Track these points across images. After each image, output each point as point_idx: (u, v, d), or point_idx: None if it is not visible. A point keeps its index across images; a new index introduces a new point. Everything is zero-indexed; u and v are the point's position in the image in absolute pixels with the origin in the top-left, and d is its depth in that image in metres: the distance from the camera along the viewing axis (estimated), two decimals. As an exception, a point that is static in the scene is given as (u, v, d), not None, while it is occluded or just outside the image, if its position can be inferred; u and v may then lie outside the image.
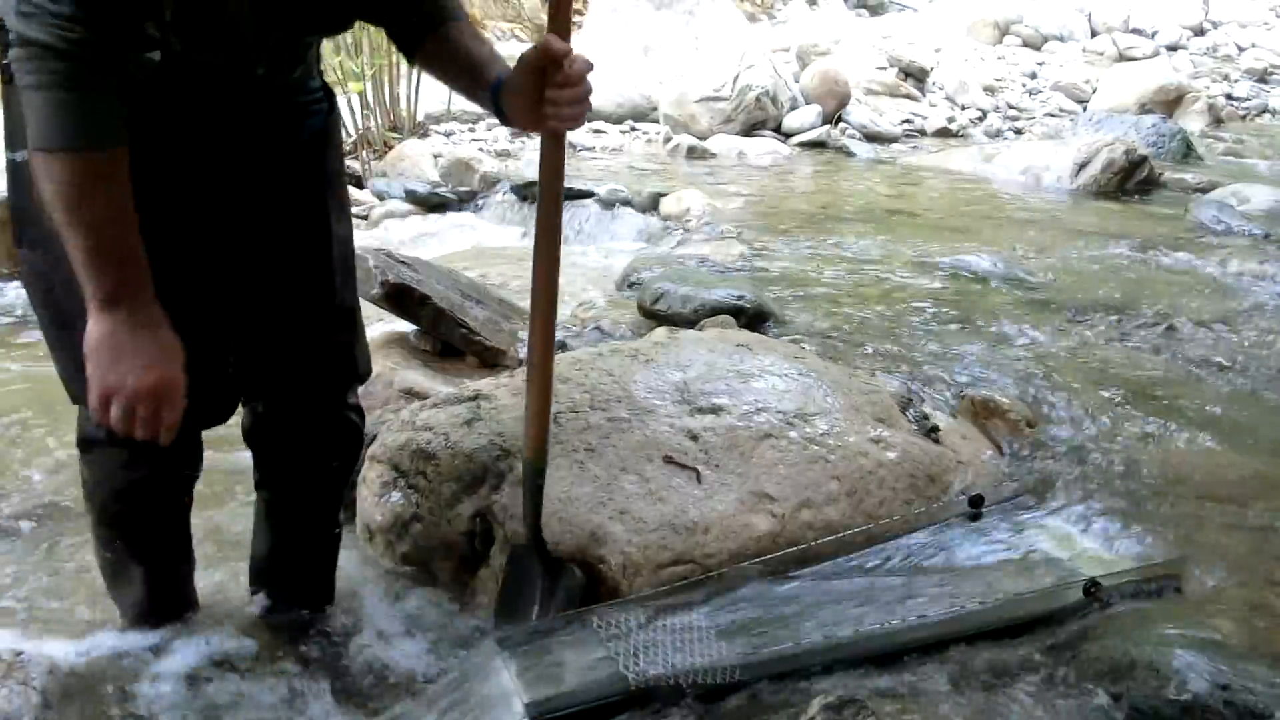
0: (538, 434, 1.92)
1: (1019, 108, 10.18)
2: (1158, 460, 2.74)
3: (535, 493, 1.95)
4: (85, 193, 1.41)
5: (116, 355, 1.46)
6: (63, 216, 1.42)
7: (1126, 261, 4.89)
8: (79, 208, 1.41)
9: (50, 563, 2.25)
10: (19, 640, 1.96)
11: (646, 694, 1.75)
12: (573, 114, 1.67)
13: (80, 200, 1.41)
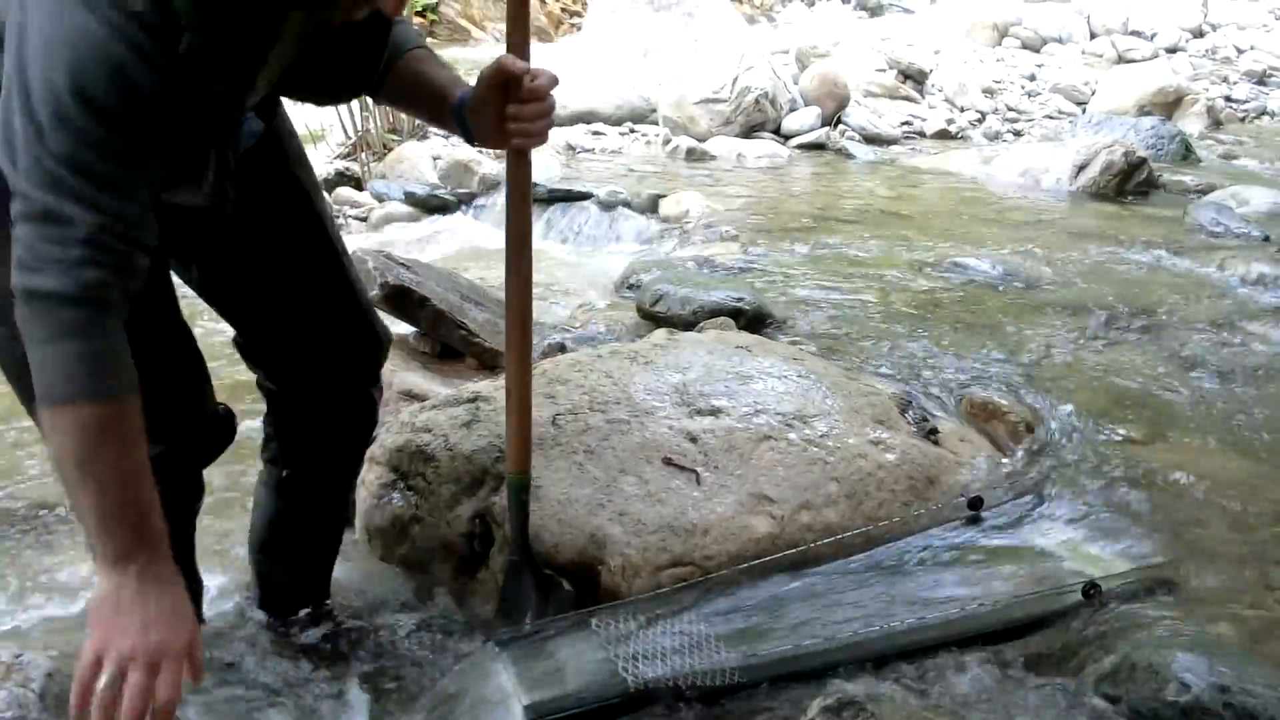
0: (521, 445, 1.92)
1: (1018, 110, 10.18)
2: (1157, 462, 2.74)
3: (521, 508, 1.95)
4: (98, 447, 1.32)
5: (115, 613, 1.33)
6: (73, 474, 1.33)
7: (1125, 263, 4.89)
8: (91, 464, 1.32)
9: (49, 565, 2.25)
10: (18, 642, 1.96)
11: (646, 696, 1.75)
12: (537, 129, 1.67)
13: (92, 456, 1.32)
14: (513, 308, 1.85)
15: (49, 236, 1.27)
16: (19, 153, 1.28)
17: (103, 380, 1.32)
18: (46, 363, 1.31)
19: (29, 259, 1.29)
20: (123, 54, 1.25)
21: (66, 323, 1.30)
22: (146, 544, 1.36)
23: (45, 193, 1.27)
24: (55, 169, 1.26)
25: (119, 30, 1.25)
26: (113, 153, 1.29)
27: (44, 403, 1.32)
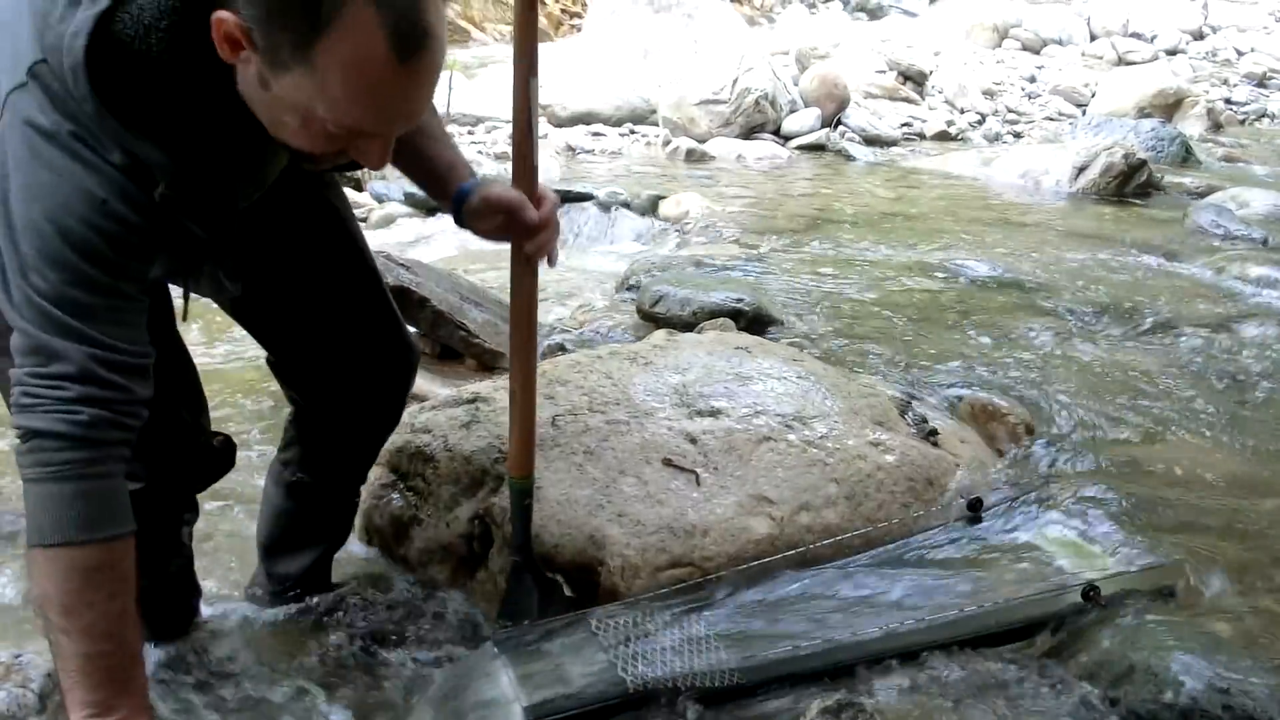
0: (524, 449, 1.92)
1: (1018, 111, 10.19)
2: (1156, 464, 2.74)
3: (524, 513, 1.95)
4: (86, 591, 1.29)
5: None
6: (59, 620, 1.29)
7: (1125, 265, 4.90)
8: (78, 610, 1.28)
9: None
10: (18, 643, 1.96)
11: (645, 697, 1.75)
12: (546, 253, 1.74)
13: (80, 601, 1.29)
14: (518, 311, 1.86)
15: (43, 374, 1.27)
16: (11, 288, 1.28)
17: (96, 523, 1.30)
18: (40, 503, 1.29)
19: (25, 399, 1.28)
20: (104, 193, 1.26)
21: (62, 463, 1.28)
22: (128, 696, 1.33)
23: (36, 328, 1.27)
24: (43, 305, 1.26)
25: (99, 172, 1.26)
26: (96, 287, 1.28)
27: (34, 543, 1.30)
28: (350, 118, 1.24)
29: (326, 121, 1.25)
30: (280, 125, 1.29)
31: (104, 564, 1.31)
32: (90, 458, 1.30)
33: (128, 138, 1.27)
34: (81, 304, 1.27)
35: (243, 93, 1.28)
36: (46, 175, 1.25)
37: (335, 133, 1.27)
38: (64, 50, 1.23)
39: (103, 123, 1.26)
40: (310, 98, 1.22)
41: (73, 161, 1.26)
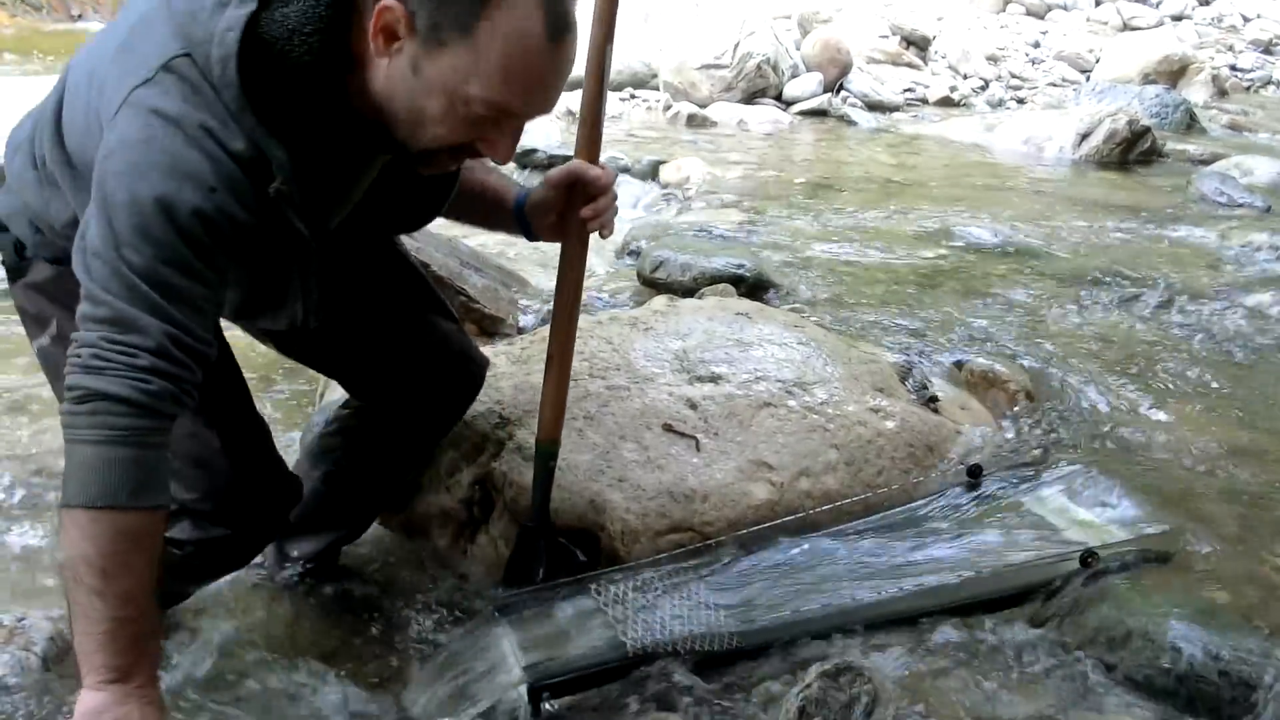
0: (554, 419, 1.92)
1: (1021, 77, 10.14)
2: (1156, 431, 2.74)
3: (546, 477, 1.95)
4: (129, 555, 1.31)
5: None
6: (95, 583, 1.29)
7: (1127, 233, 4.88)
8: (116, 576, 1.30)
9: (49, 529, 2.26)
10: (21, 606, 1.97)
11: (644, 660, 1.76)
12: (604, 221, 1.78)
13: (120, 567, 1.30)
14: (565, 284, 1.88)
15: (118, 341, 1.29)
16: (95, 261, 1.30)
17: (146, 491, 1.32)
18: (92, 465, 1.30)
19: (94, 361, 1.30)
20: (214, 182, 1.30)
21: (125, 429, 1.30)
22: (146, 665, 1.34)
23: (120, 300, 1.29)
24: (131, 279, 1.29)
25: (217, 162, 1.30)
26: (188, 271, 1.32)
27: (77, 503, 1.30)
28: (502, 94, 1.31)
29: (475, 101, 1.31)
30: (420, 115, 1.34)
31: (146, 531, 1.33)
32: (152, 426, 1.32)
33: (258, 131, 1.32)
34: (170, 284, 1.30)
35: (380, 93, 1.35)
36: (160, 157, 1.29)
37: (478, 115, 1.33)
38: (214, 42, 1.29)
39: (240, 114, 1.31)
40: (466, 75, 1.29)
41: (190, 148, 1.30)
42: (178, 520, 1.48)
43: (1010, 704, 1.69)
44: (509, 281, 3.52)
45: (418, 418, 2.01)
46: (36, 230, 1.58)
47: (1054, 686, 1.74)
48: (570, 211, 1.79)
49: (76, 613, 1.32)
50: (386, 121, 1.38)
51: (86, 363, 1.30)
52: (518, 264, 4.02)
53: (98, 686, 1.30)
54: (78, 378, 1.31)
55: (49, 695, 1.73)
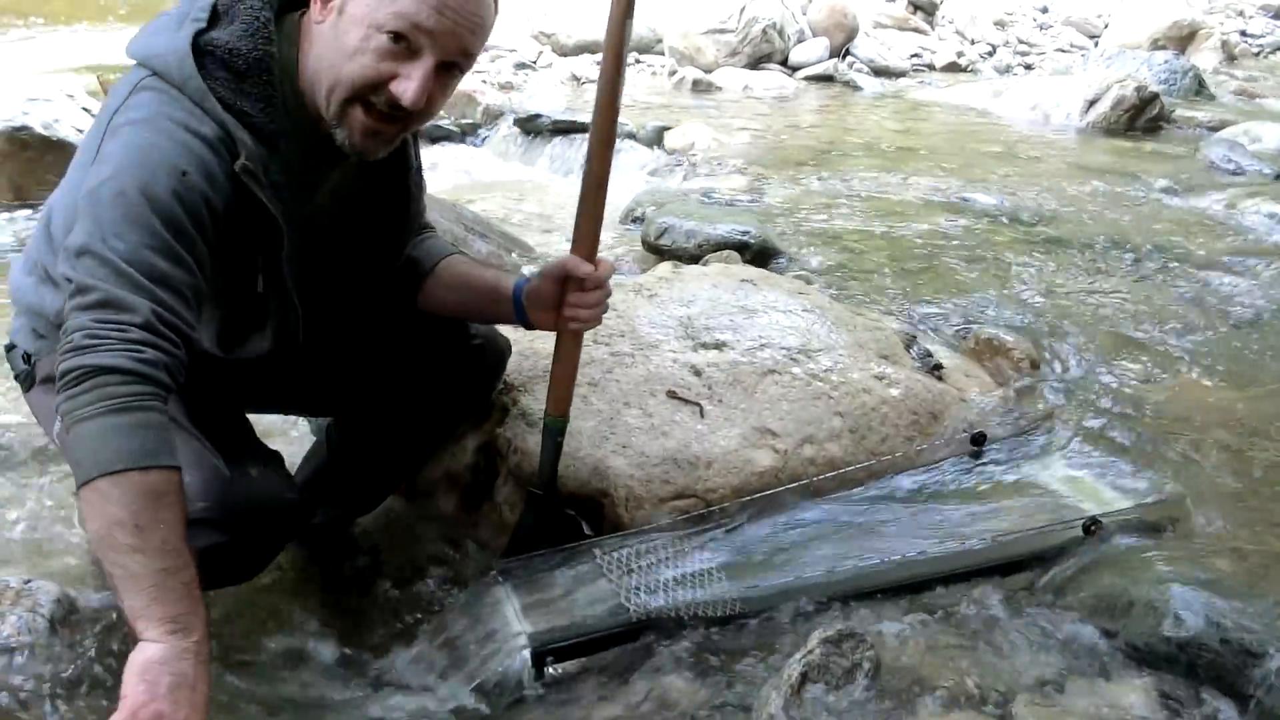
0: (564, 392, 1.92)
1: (1029, 43, 10.07)
2: (1160, 399, 2.74)
3: (554, 450, 1.95)
4: (159, 510, 1.33)
5: (178, 684, 1.30)
6: (131, 540, 1.31)
7: (1134, 200, 4.86)
8: (151, 529, 1.32)
9: (54, 492, 2.27)
10: (27, 568, 1.98)
11: (648, 626, 1.77)
12: (590, 315, 1.82)
13: (152, 521, 1.33)
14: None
15: (110, 321, 1.36)
16: (82, 257, 1.39)
17: (158, 452, 1.35)
18: (101, 435, 1.34)
19: (87, 341, 1.35)
20: (188, 167, 1.43)
21: (127, 396, 1.35)
22: (199, 615, 1.36)
23: (108, 284, 1.37)
24: (118, 264, 1.37)
25: (187, 148, 1.43)
26: (171, 255, 1.41)
27: (97, 473, 1.32)
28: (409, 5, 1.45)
29: (387, 20, 1.46)
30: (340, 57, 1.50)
31: (167, 489, 1.36)
32: (151, 392, 1.37)
33: (223, 115, 1.46)
34: (155, 267, 1.39)
35: (314, 62, 1.54)
36: (137, 154, 1.42)
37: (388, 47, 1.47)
38: (170, 52, 1.47)
39: (204, 102, 1.46)
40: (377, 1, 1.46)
41: (162, 138, 1.43)
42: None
43: (1011, 671, 1.70)
44: (513, 247, 3.51)
45: (436, 412, 2.03)
46: (40, 336, 1.70)
47: (1055, 653, 1.74)
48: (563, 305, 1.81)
49: (121, 578, 1.33)
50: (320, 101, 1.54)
51: (79, 344, 1.35)
52: (522, 229, 4.01)
53: (158, 638, 1.31)
54: (72, 360, 1.35)
55: (56, 656, 1.74)
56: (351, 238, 1.79)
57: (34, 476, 2.32)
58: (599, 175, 1.77)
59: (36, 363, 1.72)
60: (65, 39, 9.48)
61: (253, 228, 1.52)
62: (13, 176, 4.33)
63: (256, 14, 1.52)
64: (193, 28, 1.49)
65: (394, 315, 1.92)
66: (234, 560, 1.61)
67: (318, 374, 1.91)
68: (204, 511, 1.51)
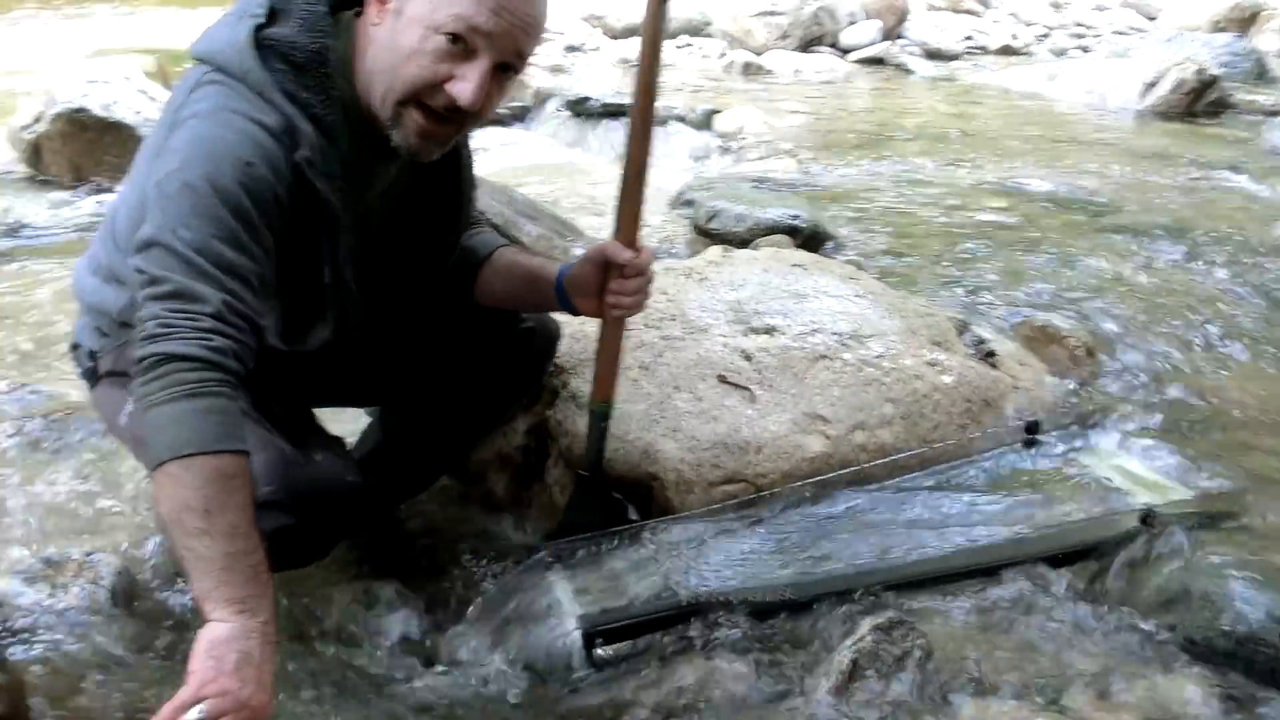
0: (608, 378, 1.92)
1: (1085, 24, 9.91)
2: (1219, 390, 2.70)
3: (600, 436, 1.96)
4: (228, 494, 1.36)
5: (244, 662, 1.32)
6: (200, 523, 1.34)
7: (1193, 185, 4.77)
8: (220, 511, 1.35)
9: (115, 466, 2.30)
10: (89, 541, 2.02)
11: (697, 610, 1.77)
12: (633, 302, 1.82)
13: (222, 504, 1.35)
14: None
15: (182, 310, 1.40)
16: (153, 249, 1.43)
17: (227, 437, 1.38)
18: (172, 420, 1.37)
19: (160, 329, 1.40)
20: (253, 158, 1.46)
21: (197, 382, 1.38)
22: (266, 597, 1.38)
23: (179, 274, 1.41)
24: (188, 254, 1.41)
25: (251, 138, 1.47)
26: (238, 244, 1.44)
27: (169, 456, 1.35)
28: (467, 6, 1.47)
29: (446, 22, 1.48)
30: (397, 58, 1.52)
31: (235, 473, 1.38)
32: (221, 379, 1.40)
33: (287, 106, 1.49)
34: (223, 257, 1.42)
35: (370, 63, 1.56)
36: (203, 146, 1.45)
37: (446, 49, 1.49)
38: (230, 46, 1.51)
39: (267, 91, 1.49)
40: (436, 2, 1.48)
41: (227, 130, 1.46)
42: None
43: (1065, 662, 1.68)
44: (563, 230, 3.51)
45: (488, 396, 2.04)
46: (103, 334, 1.75)
47: (1110, 646, 1.72)
48: (604, 292, 1.82)
49: (189, 560, 1.36)
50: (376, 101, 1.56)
51: (152, 332, 1.39)
52: (572, 213, 4.02)
53: (224, 618, 1.33)
54: (146, 347, 1.39)
55: (117, 628, 1.77)
56: (403, 236, 1.81)
57: (97, 454, 2.37)
58: (638, 162, 1.77)
59: (100, 359, 1.77)
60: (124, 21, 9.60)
61: (312, 218, 1.55)
62: (72, 157, 4.40)
63: (312, 8, 1.55)
64: (251, 23, 1.52)
65: (447, 304, 1.93)
66: (300, 543, 1.63)
67: (373, 365, 1.93)
68: (271, 495, 1.53)
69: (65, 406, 2.55)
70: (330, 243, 1.59)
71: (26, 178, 4.47)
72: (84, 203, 4.28)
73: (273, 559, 1.45)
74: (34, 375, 2.74)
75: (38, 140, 4.41)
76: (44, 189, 4.37)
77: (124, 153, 4.39)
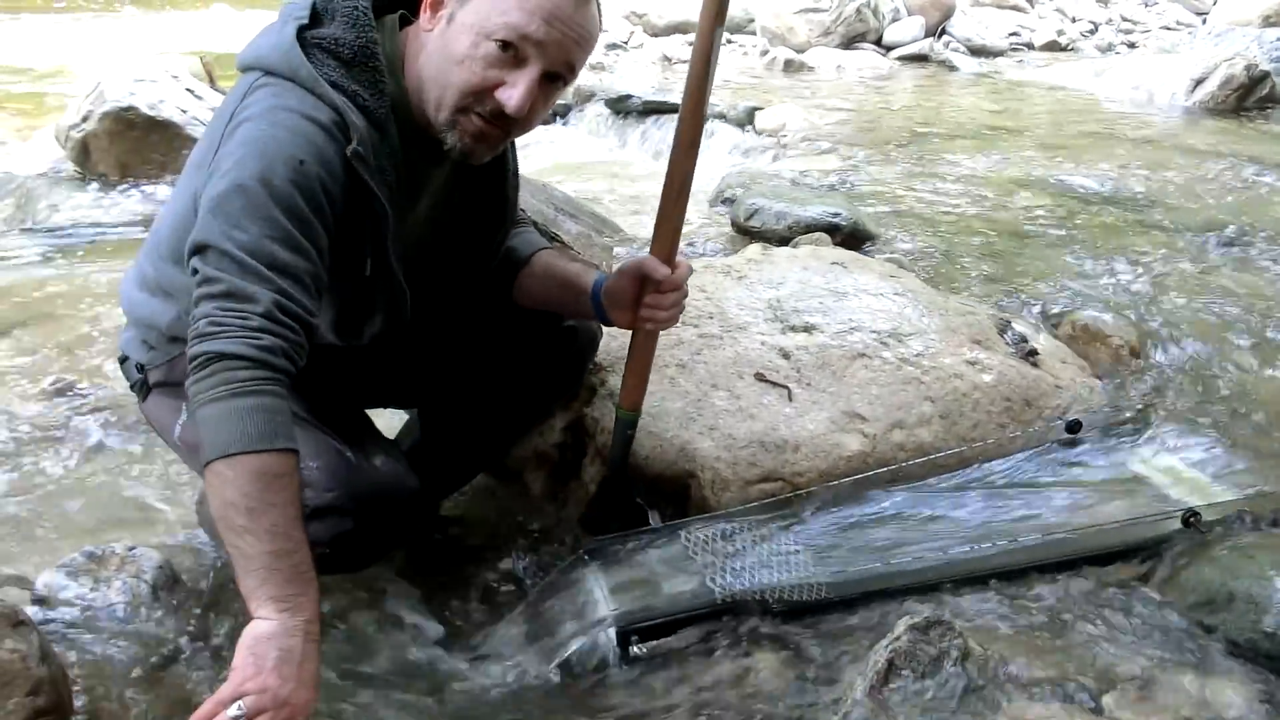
0: (637, 387, 1.92)
1: (1133, 20, 9.77)
2: (1264, 389, 2.65)
3: (625, 443, 1.97)
4: (272, 492, 1.38)
5: (285, 659, 1.34)
6: (244, 522, 1.37)
7: (1242, 183, 4.69)
8: (264, 510, 1.37)
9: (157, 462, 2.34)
10: (131, 535, 2.05)
11: (733, 608, 1.77)
12: (667, 317, 1.83)
13: (266, 502, 1.38)
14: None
15: (233, 309, 1.42)
16: (207, 250, 1.45)
17: (273, 435, 1.40)
18: (221, 418, 1.40)
19: (211, 328, 1.42)
20: (302, 155, 1.47)
21: (245, 380, 1.41)
22: (309, 595, 1.39)
23: (232, 275, 1.43)
24: (241, 256, 1.43)
25: (303, 135, 1.48)
26: (291, 244, 1.46)
27: (217, 454, 1.38)
28: (519, 15, 1.50)
29: (497, 29, 1.50)
30: (449, 61, 1.54)
31: (281, 471, 1.40)
32: (269, 377, 1.42)
33: (338, 99, 1.51)
34: (276, 257, 1.44)
35: (423, 68, 1.58)
36: (255, 146, 1.47)
37: (497, 54, 1.52)
38: (278, 48, 1.53)
39: (316, 87, 1.50)
40: (489, 10, 1.51)
41: (279, 129, 1.47)
42: (308, 523, 1.52)
43: (1104, 664, 1.66)
44: (602, 228, 3.52)
45: (528, 393, 2.05)
46: (151, 348, 1.78)
47: (1151, 647, 1.70)
48: (639, 304, 1.82)
49: (235, 558, 1.39)
50: (429, 105, 1.58)
51: (203, 331, 1.42)
52: (612, 211, 4.02)
53: (267, 616, 1.35)
54: (196, 346, 1.42)
55: (159, 623, 1.80)
56: (449, 237, 1.83)
57: (139, 449, 2.40)
58: (681, 180, 1.77)
59: (149, 372, 1.80)
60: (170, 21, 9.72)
61: (363, 213, 1.56)
62: (119, 155, 4.47)
63: (355, 6, 1.57)
64: (295, 25, 1.54)
65: (489, 303, 1.94)
66: (360, 547, 1.66)
67: (419, 363, 1.95)
68: (333, 500, 1.57)
69: (109, 403, 2.59)
70: (379, 238, 1.60)
71: (74, 176, 4.54)
72: (130, 201, 4.35)
73: (333, 563, 1.51)
74: (78, 372, 2.78)
75: (85, 139, 4.48)
76: (90, 187, 4.44)
77: (170, 151, 4.45)
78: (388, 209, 1.57)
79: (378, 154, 1.56)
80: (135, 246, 3.72)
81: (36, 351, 2.92)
